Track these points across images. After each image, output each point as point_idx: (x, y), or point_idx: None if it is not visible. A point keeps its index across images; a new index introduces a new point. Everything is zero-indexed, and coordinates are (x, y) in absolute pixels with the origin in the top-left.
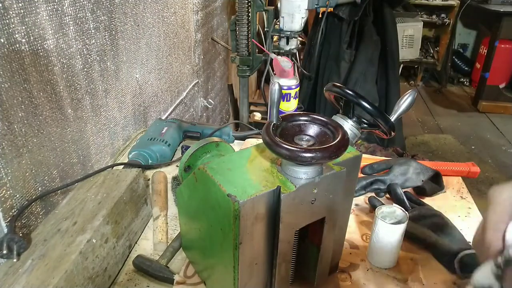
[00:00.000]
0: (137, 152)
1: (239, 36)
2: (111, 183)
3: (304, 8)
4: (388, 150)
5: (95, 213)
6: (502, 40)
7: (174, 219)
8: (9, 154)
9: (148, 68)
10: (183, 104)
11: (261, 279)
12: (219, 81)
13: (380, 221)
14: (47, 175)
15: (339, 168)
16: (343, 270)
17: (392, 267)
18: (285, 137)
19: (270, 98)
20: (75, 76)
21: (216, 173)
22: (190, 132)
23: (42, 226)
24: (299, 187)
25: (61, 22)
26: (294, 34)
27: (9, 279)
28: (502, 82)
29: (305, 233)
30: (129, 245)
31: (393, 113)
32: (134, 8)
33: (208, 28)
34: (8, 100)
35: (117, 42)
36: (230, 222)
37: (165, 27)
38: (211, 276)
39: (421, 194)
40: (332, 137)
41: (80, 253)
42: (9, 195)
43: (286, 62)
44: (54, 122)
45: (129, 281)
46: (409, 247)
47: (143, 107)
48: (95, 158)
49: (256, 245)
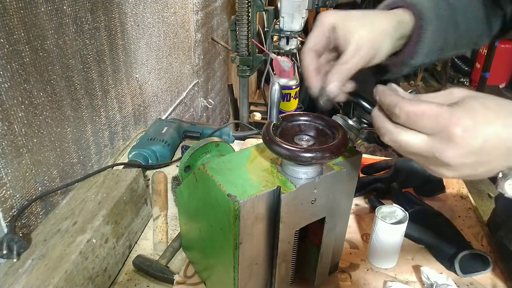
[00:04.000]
0: (137, 152)
1: (239, 36)
2: (111, 183)
3: (304, 8)
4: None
5: (95, 213)
6: (502, 40)
7: (174, 219)
8: (9, 154)
9: (148, 68)
10: (183, 104)
11: (261, 279)
12: (219, 81)
13: (380, 221)
14: (47, 175)
15: (339, 168)
16: (343, 270)
17: (392, 267)
18: (285, 137)
19: (270, 98)
20: (75, 76)
21: (216, 173)
22: (190, 132)
23: (42, 226)
24: (299, 187)
25: (61, 22)
26: (294, 34)
27: (9, 279)
28: (502, 82)
29: (305, 233)
30: (129, 245)
31: None
32: (134, 8)
33: (208, 28)
34: (8, 100)
35: (117, 42)
36: (230, 222)
37: (165, 27)
38: (211, 276)
39: (421, 194)
40: (332, 137)
41: (80, 253)
42: (9, 195)
43: (286, 62)
44: (54, 122)
45: (129, 281)
46: (409, 247)
47: (143, 107)
48: (95, 158)
49: (256, 245)
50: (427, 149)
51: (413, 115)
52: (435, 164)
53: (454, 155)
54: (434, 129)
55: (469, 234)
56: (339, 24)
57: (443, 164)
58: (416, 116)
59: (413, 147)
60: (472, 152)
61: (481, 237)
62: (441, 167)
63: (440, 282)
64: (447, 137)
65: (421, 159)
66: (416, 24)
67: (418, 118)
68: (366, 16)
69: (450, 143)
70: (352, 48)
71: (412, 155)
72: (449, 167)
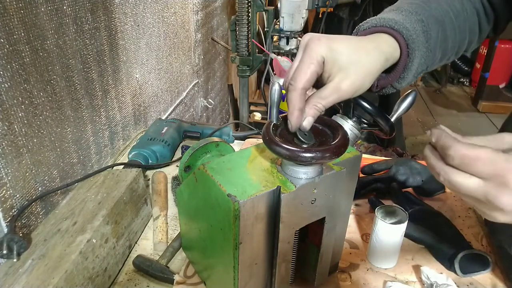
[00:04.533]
0: (137, 152)
1: (239, 36)
2: (111, 183)
3: (304, 8)
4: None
5: (95, 213)
6: (502, 40)
7: (174, 219)
8: (9, 154)
9: (148, 68)
10: (183, 104)
11: (261, 279)
12: (219, 81)
13: (380, 221)
14: (47, 175)
15: (339, 168)
16: (343, 270)
17: (392, 267)
18: (285, 137)
19: (270, 98)
20: (75, 76)
21: (216, 173)
22: (190, 132)
23: (42, 226)
24: (299, 187)
25: (61, 22)
26: (294, 34)
27: (9, 279)
28: (502, 82)
29: (305, 233)
30: (129, 245)
31: (393, 113)
32: (134, 8)
33: (208, 28)
34: (8, 100)
35: (117, 42)
36: (230, 222)
37: (165, 27)
38: (211, 276)
39: (421, 194)
40: (332, 137)
41: (80, 253)
42: (9, 195)
43: (286, 62)
44: (54, 122)
45: (129, 281)
46: (409, 247)
47: (143, 107)
48: (95, 158)
49: (256, 245)
50: (481, 192)
51: (468, 159)
52: (488, 208)
53: (509, 201)
54: (489, 174)
55: (469, 234)
56: (328, 59)
57: (497, 209)
58: (471, 160)
59: (467, 189)
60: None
61: (481, 237)
62: (494, 211)
63: (440, 282)
64: (502, 182)
65: (474, 202)
66: (402, 53)
67: (472, 163)
68: (355, 51)
69: (505, 189)
70: (333, 87)
71: (465, 197)
72: (503, 212)
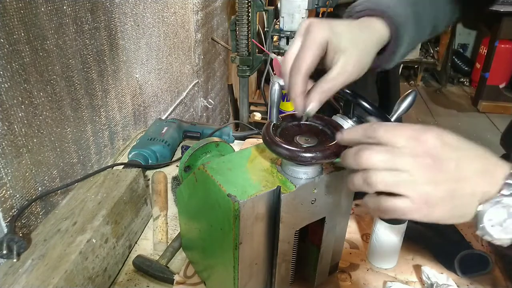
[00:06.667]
0: (137, 152)
1: (239, 36)
2: (111, 183)
3: (304, 8)
4: None
5: (95, 213)
6: (502, 40)
7: (174, 219)
8: (9, 154)
9: (148, 68)
10: (183, 104)
11: (261, 279)
12: (219, 81)
13: (380, 221)
14: (47, 175)
15: (339, 168)
16: (343, 270)
17: (392, 267)
18: (285, 137)
19: (270, 98)
20: (75, 76)
21: (216, 173)
22: (190, 132)
23: (42, 226)
24: (299, 187)
25: (61, 22)
26: (294, 34)
27: (9, 279)
28: (502, 82)
29: (305, 233)
30: (129, 245)
31: (393, 113)
32: (134, 8)
33: (208, 28)
34: (8, 100)
35: (117, 42)
36: (230, 222)
37: (165, 27)
38: (211, 276)
39: None
40: (332, 137)
41: (80, 253)
42: (9, 195)
43: None
44: (54, 122)
45: (129, 281)
46: (409, 247)
47: (143, 107)
48: (95, 158)
49: (256, 245)
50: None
51: (391, 127)
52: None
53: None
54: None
55: (469, 234)
56: (331, 41)
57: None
58: (394, 128)
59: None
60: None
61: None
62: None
63: (440, 282)
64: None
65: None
66: (391, 37)
67: (395, 128)
68: (353, 33)
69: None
70: (340, 67)
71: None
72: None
